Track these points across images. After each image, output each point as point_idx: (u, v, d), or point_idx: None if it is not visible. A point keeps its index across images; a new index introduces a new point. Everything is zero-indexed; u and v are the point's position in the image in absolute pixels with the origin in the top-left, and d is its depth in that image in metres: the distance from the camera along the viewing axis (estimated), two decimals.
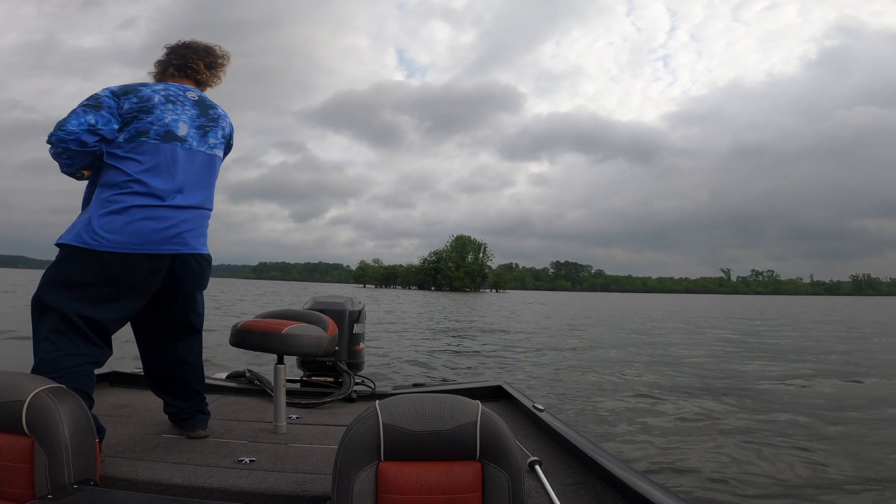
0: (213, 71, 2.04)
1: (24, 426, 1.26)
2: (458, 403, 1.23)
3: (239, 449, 1.81)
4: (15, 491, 1.26)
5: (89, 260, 1.65)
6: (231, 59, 2.10)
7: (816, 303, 72.14)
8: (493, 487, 1.18)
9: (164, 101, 1.80)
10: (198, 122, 1.87)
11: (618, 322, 21.34)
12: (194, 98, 1.91)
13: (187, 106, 1.86)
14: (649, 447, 4.42)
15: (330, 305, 2.78)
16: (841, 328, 20.37)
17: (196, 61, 1.98)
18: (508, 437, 1.22)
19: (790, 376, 8.20)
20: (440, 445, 1.19)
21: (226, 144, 2.01)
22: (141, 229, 1.68)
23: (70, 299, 1.64)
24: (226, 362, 6.18)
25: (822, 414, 5.61)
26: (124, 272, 1.68)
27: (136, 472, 1.54)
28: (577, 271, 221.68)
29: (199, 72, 1.99)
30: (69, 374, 1.58)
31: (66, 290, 1.65)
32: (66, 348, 1.62)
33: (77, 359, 1.63)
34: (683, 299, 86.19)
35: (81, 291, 1.65)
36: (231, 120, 2.04)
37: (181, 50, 2.00)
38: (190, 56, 1.99)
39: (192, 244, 1.81)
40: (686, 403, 6.08)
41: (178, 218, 1.76)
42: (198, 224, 1.84)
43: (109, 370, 2.68)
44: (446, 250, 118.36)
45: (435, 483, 1.17)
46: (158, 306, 1.86)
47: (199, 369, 2.01)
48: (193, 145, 1.83)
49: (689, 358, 10.33)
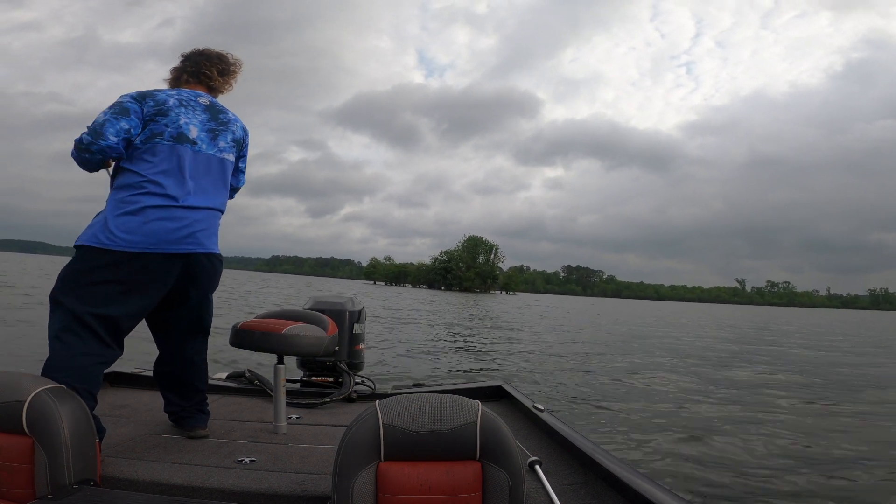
0: (225, 77, 2.09)
1: (24, 426, 1.26)
2: (458, 403, 1.23)
3: (239, 449, 1.81)
4: (15, 491, 1.26)
5: (106, 259, 1.69)
6: (243, 66, 2.15)
7: (842, 316, 70.21)
8: (494, 487, 1.18)
9: (178, 104, 1.86)
10: (208, 126, 1.92)
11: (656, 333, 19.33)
12: (205, 103, 1.96)
13: (198, 110, 1.92)
14: (650, 447, 4.42)
15: (330, 305, 2.78)
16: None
17: (209, 68, 2.04)
18: (508, 437, 1.22)
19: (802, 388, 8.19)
20: (440, 445, 1.19)
21: (238, 148, 2.05)
22: (156, 229, 1.73)
23: (84, 298, 1.67)
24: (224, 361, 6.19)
25: (824, 416, 5.62)
26: (140, 271, 1.72)
27: (136, 472, 1.54)
28: (588, 276, 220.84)
29: (212, 78, 2.05)
30: (78, 373, 1.60)
31: (80, 288, 1.68)
32: (76, 347, 1.64)
33: (87, 358, 1.65)
34: (706, 308, 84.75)
35: (96, 290, 1.68)
36: (244, 124, 2.09)
37: (195, 57, 2.06)
38: (203, 63, 2.04)
39: (205, 244, 1.85)
40: (688, 405, 6.08)
41: (192, 218, 1.80)
42: (210, 224, 1.88)
43: (109, 370, 2.68)
44: (458, 250, 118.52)
45: (435, 483, 1.17)
46: (173, 305, 1.89)
47: (204, 370, 2.04)
48: (203, 148, 1.88)
49: (707, 365, 10.29)
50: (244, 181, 2.17)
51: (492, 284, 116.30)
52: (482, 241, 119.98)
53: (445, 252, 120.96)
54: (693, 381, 7.66)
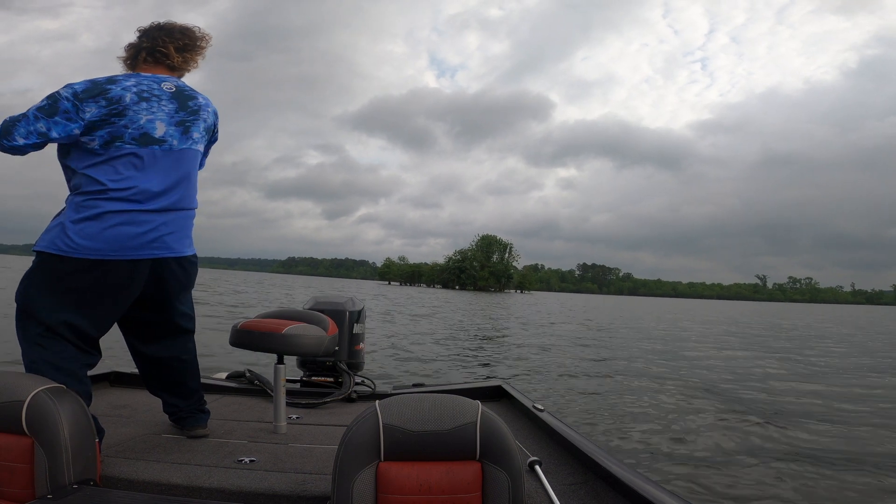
0: (186, 54, 1.85)
1: (24, 426, 1.26)
2: (458, 403, 1.23)
3: (239, 449, 1.81)
4: (15, 491, 1.26)
5: (66, 267, 1.60)
6: (211, 41, 1.91)
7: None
8: (493, 487, 1.18)
9: (136, 99, 1.67)
10: (177, 118, 1.75)
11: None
12: (170, 90, 1.76)
13: (163, 100, 1.73)
14: (650, 447, 4.42)
15: (330, 305, 2.78)
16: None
17: (167, 44, 1.81)
18: (508, 437, 1.22)
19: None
20: (440, 445, 1.19)
21: (209, 136, 1.90)
22: (117, 235, 1.62)
23: (51, 307, 1.60)
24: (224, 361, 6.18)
25: (828, 420, 5.61)
26: (103, 278, 1.63)
27: (136, 472, 1.54)
28: (604, 274, 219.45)
29: (169, 56, 1.81)
30: (62, 378, 1.53)
31: (45, 297, 1.61)
32: (51, 355, 1.59)
33: (66, 362, 1.60)
34: (737, 306, 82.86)
35: (61, 298, 1.61)
36: (213, 107, 1.90)
37: (153, 32, 1.83)
38: (161, 39, 1.81)
39: (173, 247, 1.74)
40: (690, 407, 6.08)
41: (158, 221, 1.69)
42: (180, 226, 1.76)
43: (109, 370, 2.68)
44: (472, 249, 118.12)
45: (435, 483, 1.17)
46: (145, 310, 1.81)
47: (194, 367, 1.99)
48: (174, 145, 1.73)
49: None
50: (203, 167, 1.95)
51: (507, 283, 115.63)
52: (496, 240, 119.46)
53: (459, 251, 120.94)
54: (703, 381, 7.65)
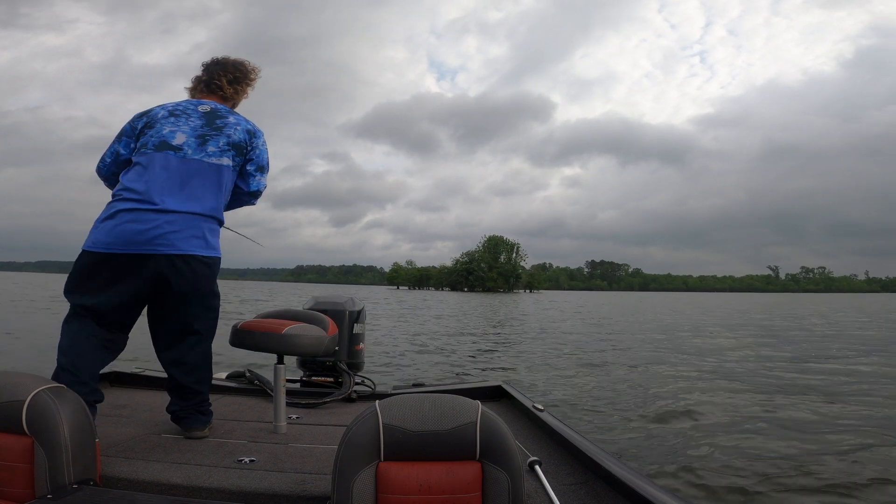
0: (237, 86, 2.14)
1: (24, 426, 1.26)
2: (458, 403, 1.23)
3: (239, 449, 1.81)
4: (15, 491, 1.26)
5: (88, 260, 1.84)
6: (260, 73, 2.21)
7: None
8: (493, 487, 1.18)
9: (167, 115, 1.96)
10: (200, 132, 1.95)
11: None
12: (205, 110, 2.01)
13: (193, 117, 1.97)
14: (651, 447, 4.42)
15: (330, 305, 2.79)
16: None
17: (220, 77, 2.11)
18: (508, 437, 1.22)
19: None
20: (440, 445, 1.19)
21: (238, 152, 2.01)
22: (124, 231, 1.80)
23: (78, 293, 1.86)
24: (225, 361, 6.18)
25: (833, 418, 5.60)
26: (112, 270, 1.83)
27: (136, 472, 1.54)
28: (613, 270, 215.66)
29: (222, 87, 2.11)
30: (80, 354, 1.79)
31: (76, 286, 1.87)
32: (75, 333, 1.82)
33: (88, 341, 1.82)
34: (755, 298, 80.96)
35: (85, 286, 1.85)
36: (254, 127, 2.07)
37: (211, 66, 2.14)
38: (217, 73, 2.12)
39: (178, 245, 1.85)
40: (695, 407, 6.07)
41: (161, 220, 1.83)
42: (187, 226, 1.87)
43: (109, 370, 2.68)
44: (479, 251, 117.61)
45: (435, 483, 1.17)
46: (158, 305, 1.93)
47: (201, 370, 1.99)
48: (188, 153, 1.91)
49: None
50: (258, 185, 2.11)
51: (515, 284, 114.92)
52: (503, 240, 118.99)
53: (466, 253, 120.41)
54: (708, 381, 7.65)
